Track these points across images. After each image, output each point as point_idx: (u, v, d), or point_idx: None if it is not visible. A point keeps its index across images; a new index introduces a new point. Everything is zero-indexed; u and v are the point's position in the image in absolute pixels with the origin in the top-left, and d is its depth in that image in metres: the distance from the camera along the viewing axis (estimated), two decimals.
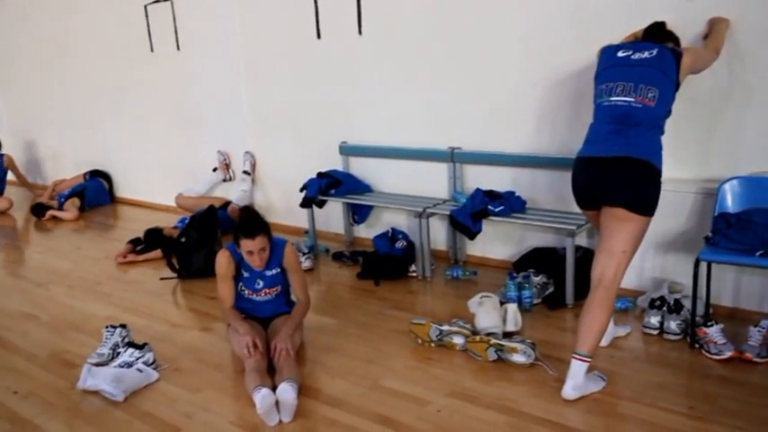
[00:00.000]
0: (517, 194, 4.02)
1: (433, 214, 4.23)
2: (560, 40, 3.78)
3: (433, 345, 3.22)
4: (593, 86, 2.96)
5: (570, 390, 2.66)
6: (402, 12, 4.41)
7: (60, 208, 6.59)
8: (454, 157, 4.36)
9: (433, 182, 4.51)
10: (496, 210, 3.90)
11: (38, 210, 6.56)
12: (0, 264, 5.42)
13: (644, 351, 3.13)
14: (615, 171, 2.73)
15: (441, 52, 4.31)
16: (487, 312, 3.26)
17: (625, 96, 2.78)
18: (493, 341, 3.02)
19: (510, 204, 3.93)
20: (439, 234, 4.52)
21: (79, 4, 6.76)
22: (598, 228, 2.92)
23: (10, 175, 7.39)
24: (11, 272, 5.10)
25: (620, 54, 2.88)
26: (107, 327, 3.38)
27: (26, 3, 7.41)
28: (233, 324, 3.17)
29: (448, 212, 4.10)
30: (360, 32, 4.63)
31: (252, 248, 3.07)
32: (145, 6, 6.03)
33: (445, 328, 3.20)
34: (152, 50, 6.17)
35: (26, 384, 3.14)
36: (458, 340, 3.16)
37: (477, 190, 4.08)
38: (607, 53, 2.96)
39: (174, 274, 4.55)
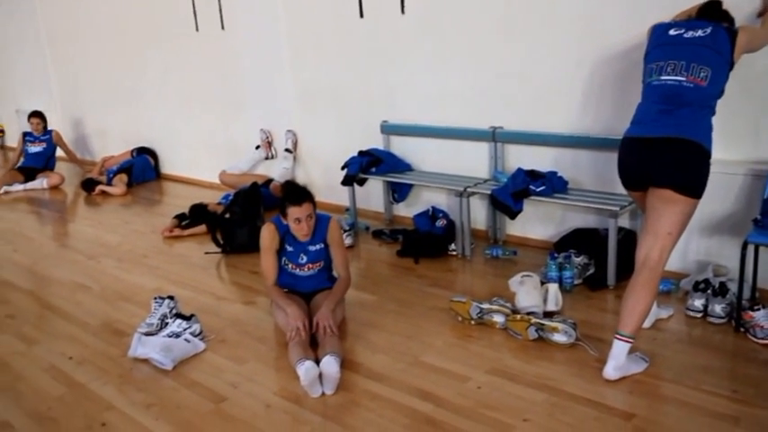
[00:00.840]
0: (559, 175, 3.99)
1: (473, 193, 4.23)
2: (608, 18, 3.71)
3: (472, 323, 3.24)
4: (643, 66, 2.91)
5: (611, 370, 2.66)
6: None
7: (109, 183, 6.78)
8: (496, 137, 4.34)
9: (473, 161, 4.50)
10: (538, 190, 3.88)
11: (88, 185, 6.76)
12: (54, 236, 5.63)
13: (687, 334, 3.10)
14: (663, 152, 2.69)
15: (483, 31, 4.27)
16: (528, 292, 3.26)
17: (676, 75, 2.72)
18: (534, 320, 3.03)
19: (552, 184, 3.91)
20: (479, 213, 4.53)
21: None
22: (643, 209, 2.89)
23: (59, 152, 7.60)
24: (64, 244, 5.28)
25: (671, 32, 2.82)
26: (155, 298, 3.49)
27: None
28: (280, 304, 3.20)
29: (489, 192, 4.10)
30: (402, 11, 4.62)
31: (299, 215, 3.12)
32: None
33: (485, 306, 3.22)
34: (197, 30, 6.25)
35: (80, 351, 3.27)
36: (498, 318, 3.18)
37: (519, 170, 4.07)
38: (658, 32, 2.90)
39: (219, 249, 4.65)
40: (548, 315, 3.21)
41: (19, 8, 8.70)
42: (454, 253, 4.27)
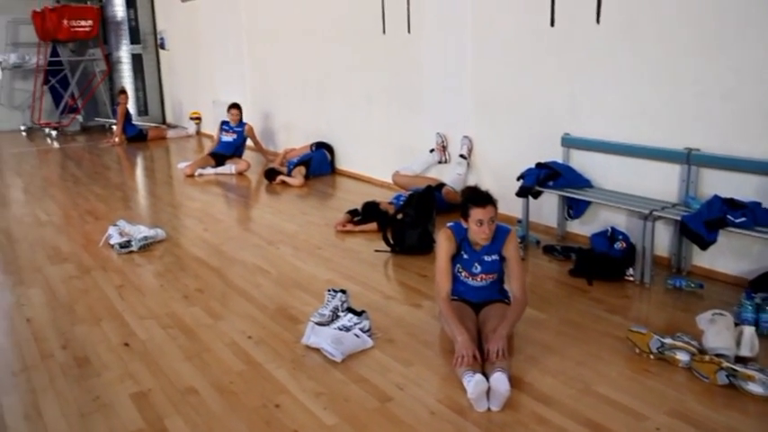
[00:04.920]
0: (764, 206, 3.62)
1: (659, 218, 3.96)
2: None
3: (651, 357, 3.03)
4: None
5: None
6: None
7: (289, 174, 7.18)
8: (690, 159, 4.03)
9: (661, 183, 4.23)
10: (737, 221, 3.55)
11: (270, 174, 7.22)
12: (239, 220, 6.07)
13: None
14: None
15: (685, 44, 3.98)
16: (720, 332, 2.98)
17: None
18: (725, 364, 2.77)
19: (754, 216, 3.56)
20: (662, 239, 4.23)
21: None
22: None
23: (249, 143, 8.18)
24: (247, 228, 5.67)
25: None
26: (329, 290, 3.62)
27: None
28: (450, 328, 3.10)
29: (678, 218, 3.82)
30: (598, 21, 4.43)
31: (482, 217, 3.10)
32: None
33: (668, 341, 3.00)
34: (384, 32, 6.44)
35: (258, 331, 3.49)
36: (681, 356, 2.94)
37: (716, 197, 3.75)
38: None
39: (388, 248, 4.74)
40: (739, 360, 2.91)
41: (226, 3, 9.48)
42: (632, 279, 4.02)
